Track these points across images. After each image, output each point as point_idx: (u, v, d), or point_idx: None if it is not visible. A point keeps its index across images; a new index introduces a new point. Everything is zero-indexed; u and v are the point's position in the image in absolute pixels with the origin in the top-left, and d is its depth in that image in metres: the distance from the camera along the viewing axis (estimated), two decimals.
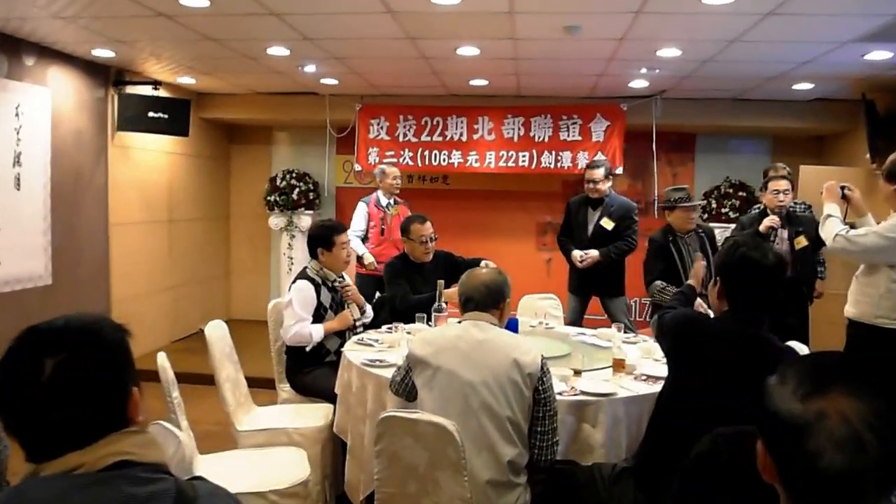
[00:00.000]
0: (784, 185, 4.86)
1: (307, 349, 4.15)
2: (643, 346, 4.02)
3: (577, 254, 5.39)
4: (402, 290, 4.59)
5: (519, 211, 8.14)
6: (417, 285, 4.62)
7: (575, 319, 5.42)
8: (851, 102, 6.71)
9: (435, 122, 7.36)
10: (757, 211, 5.23)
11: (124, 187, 6.55)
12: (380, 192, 6.24)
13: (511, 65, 5.77)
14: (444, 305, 4.09)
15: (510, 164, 7.31)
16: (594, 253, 5.35)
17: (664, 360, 2.86)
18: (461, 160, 7.36)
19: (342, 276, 4.37)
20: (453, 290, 4.53)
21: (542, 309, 5.11)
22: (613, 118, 7.10)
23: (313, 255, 4.26)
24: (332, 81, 6.75)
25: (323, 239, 4.21)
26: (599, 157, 6.71)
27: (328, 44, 5.23)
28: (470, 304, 2.83)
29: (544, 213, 8.15)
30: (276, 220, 7.97)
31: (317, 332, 4.11)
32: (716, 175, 7.63)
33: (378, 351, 3.74)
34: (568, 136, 7.20)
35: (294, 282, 4.23)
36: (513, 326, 4.27)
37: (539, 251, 8.21)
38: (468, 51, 5.27)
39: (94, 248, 6.19)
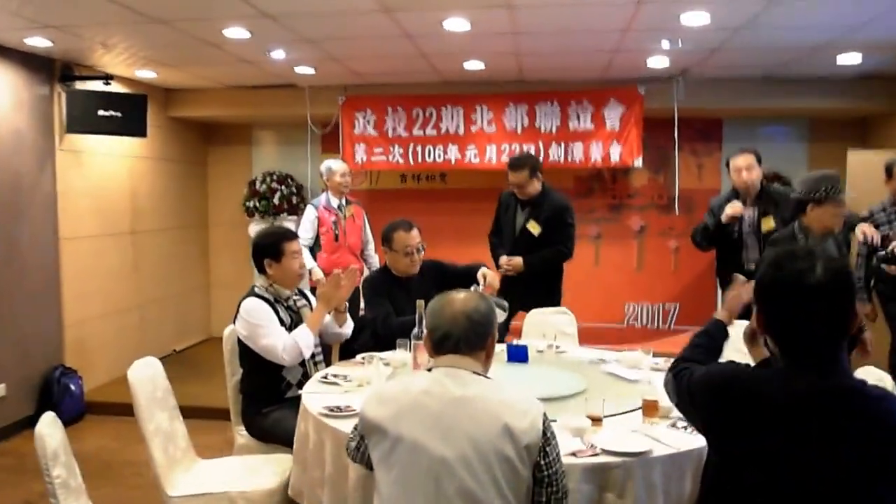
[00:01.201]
0: (744, 160, 4.54)
1: (264, 384, 3.42)
2: None
3: (503, 259, 4.70)
4: (384, 311, 3.84)
5: None
6: (402, 304, 3.86)
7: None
8: None
9: (427, 114, 6.58)
10: (726, 194, 4.74)
11: (76, 196, 5.80)
12: (329, 193, 5.55)
13: (510, 41, 4.97)
14: (425, 332, 3.30)
15: None
16: (517, 260, 4.68)
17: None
18: (458, 156, 6.58)
19: (299, 293, 3.62)
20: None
21: (552, 327, 4.32)
22: (630, 103, 6.29)
23: (260, 268, 3.54)
24: (309, 70, 5.99)
25: (269, 248, 3.49)
26: (522, 153, 5.84)
27: (291, 21, 4.46)
28: (445, 343, 2.04)
29: None
30: (256, 228, 7.22)
31: (305, 336, 3.37)
32: None
33: (343, 392, 3.01)
34: (578, 124, 6.41)
35: (240, 304, 3.47)
36: (521, 356, 3.51)
37: None
38: (457, 24, 4.48)
39: (41, 266, 5.43)
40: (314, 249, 5.50)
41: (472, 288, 3.66)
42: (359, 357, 3.58)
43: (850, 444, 1.52)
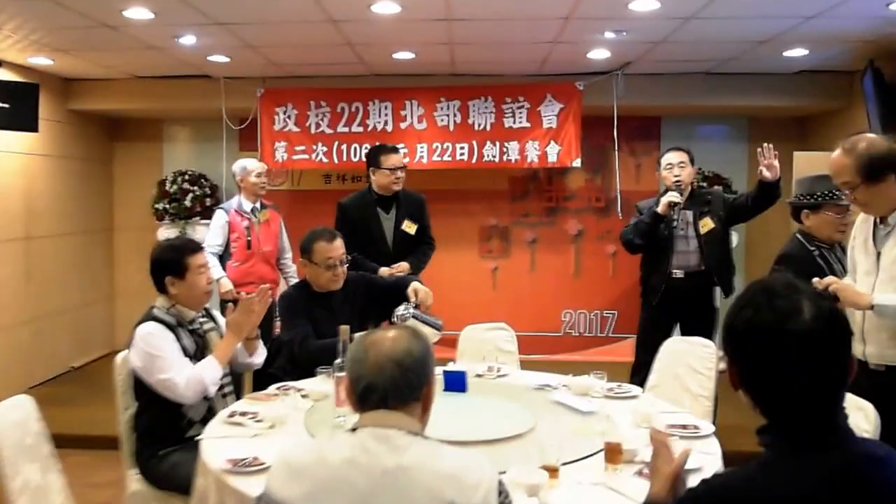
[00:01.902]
0: (677, 156, 4.30)
1: (161, 421, 2.91)
2: (635, 404, 2.87)
3: (384, 270, 4.27)
4: (301, 332, 3.39)
5: (459, 214, 6.95)
6: (323, 324, 3.41)
7: None
8: (844, 75, 5.82)
9: (354, 109, 6.11)
10: (655, 199, 4.41)
11: None
12: (242, 196, 5.05)
13: (442, 29, 4.56)
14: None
15: (446, 157, 6.12)
16: (405, 265, 4.32)
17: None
18: None
19: (205, 314, 3.13)
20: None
21: (490, 344, 3.93)
22: (567, 99, 5.97)
23: (161, 287, 3.03)
24: (223, 59, 5.45)
25: (171, 264, 2.99)
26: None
27: (199, 1, 3.94)
28: (370, 397, 1.60)
29: (488, 215, 7.03)
30: (166, 233, 6.62)
31: (212, 371, 2.90)
32: None
33: (252, 437, 2.52)
34: (514, 122, 6.05)
35: (136, 329, 2.96)
36: (459, 384, 3.10)
37: (483, 259, 7.07)
38: (386, 7, 4.05)
39: None
40: (224, 258, 4.97)
41: (403, 306, 3.25)
42: (273, 388, 3.10)
43: None
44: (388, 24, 4.39)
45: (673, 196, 4.18)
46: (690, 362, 3.36)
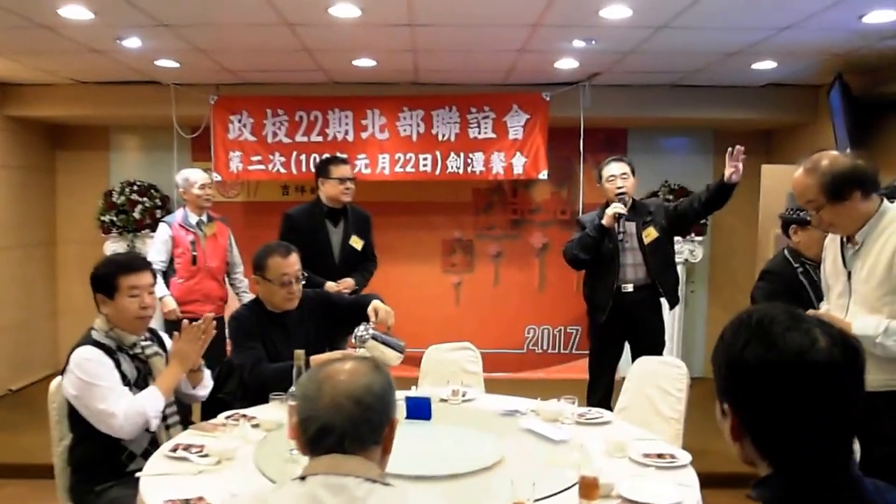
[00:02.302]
0: (619, 167, 4.21)
1: (99, 453, 2.65)
2: (608, 431, 2.71)
3: (330, 286, 4.14)
4: (253, 356, 3.15)
5: (421, 227, 6.76)
6: (278, 345, 3.20)
7: None
8: (810, 89, 5.79)
9: (312, 118, 5.87)
10: (596, 212, 4.33)
11: None
12: (186, 209, 4.83)
13: (405, 34, 4.36)
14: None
15: (409, 169, 5.91)
16: (350, 281, 4.21)
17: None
18: None
19: (150, 336, 2.88)
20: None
21: (454, 365, 3.74)
22: (534, 110, 5.81)
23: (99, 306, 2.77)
24: (172, 64, 5.17)
25: (101, 281, 2.75)
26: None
27: None
28: (323, 441, 1.40)
29: (451, 228, 6.82)
30: (113, 246, 6.30)
31: (152, 400, 2.66)
32: (651, 179, 6.42)
33: (197, 474, 2.29)
34: (479, 132, 5.87)
35: (71, 353, 2.70)
36: (423, 411, 2.90)
37: (446, 273, 6.86)
38: (345, 10, 3.83)
39: None
40: (169, 274, 4.71)
41: (363, 326, 3.05)
42: (222, 417, 2.86)
43: None
44: (347, 29, 4.17)
45: (618, 207, 4.07)
46: (661, 383, 3.23)
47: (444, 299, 6.78)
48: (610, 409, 3.36)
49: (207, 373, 3.02)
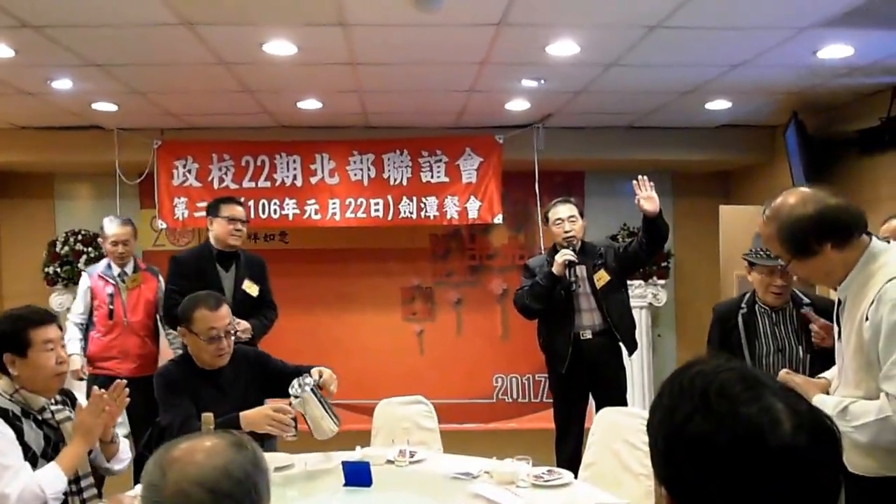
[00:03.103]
0: (566, 210, 4.03)
1: None
2: (568, 494, 2.48)
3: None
4: (182, 416, 2.88)
5: (378, 274, 6.54)
6: (211, 405, 2.89)
7: None
8: (766, 129, 5.77)
9: (259, 163, 5.67)
10: (544, 253, 4.18)
11: None
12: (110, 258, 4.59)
13: (347, 73, 4.20)
14: None
15: (360, 214, 5.72)
16: (246, 324, 3.91)
17: None
18: (297, 211, 5.70)
19: (62, 398, 2.60)
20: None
21: (407, 421, 3.50)
22: (487, 153, 5.68)
23: (2, 367, 2.48)
24: (110, 107, 4.96)
25: (10, 338, 2.44)
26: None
27: (62, 35, 3.49)
28: None
29: (410, 275, 6.61)
30: (59, 299, 5.98)
31: (53, 480, 2.35)
32: (610, 222, 6.32)
33: None
34: (431, 177, 5.72)
35: None
36: (362, 477, 2.65)
37: (407, 322, 6.63)
38: (280, 46, 3.66)
39: None
40: (89, 328, 4.42)
41: (305, 377, 2.82)
42: (138, 489, 2.57)
43: None
44: (285, 68, 4.00)
45: (567, 254, 3.89)
46: (627, 437, 3.02)
47: (407, 349, 6.54)
48: (580, 461, 3.14)
49: (125, 444, 2.75)
